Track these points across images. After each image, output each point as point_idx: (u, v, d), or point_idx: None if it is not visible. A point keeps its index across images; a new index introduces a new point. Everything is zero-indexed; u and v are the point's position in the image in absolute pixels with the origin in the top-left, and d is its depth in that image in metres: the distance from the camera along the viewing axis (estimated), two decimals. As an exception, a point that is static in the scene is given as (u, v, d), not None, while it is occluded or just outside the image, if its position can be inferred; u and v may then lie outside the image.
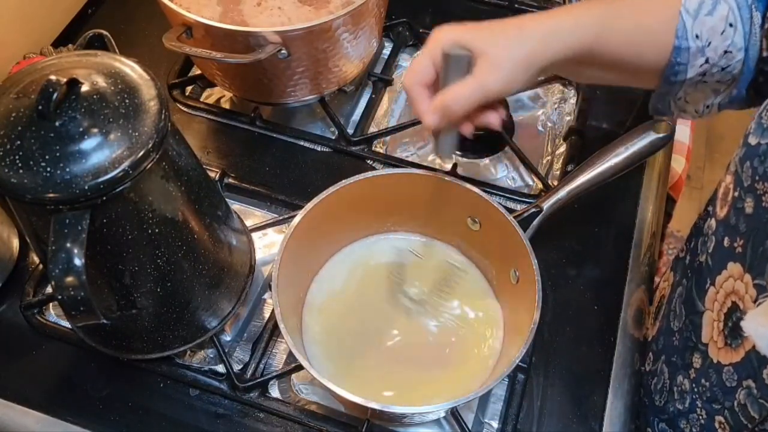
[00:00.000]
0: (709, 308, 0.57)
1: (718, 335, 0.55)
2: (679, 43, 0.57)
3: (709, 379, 0.57)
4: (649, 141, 0.66)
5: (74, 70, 0.50)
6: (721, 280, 0.55)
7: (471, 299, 0.69)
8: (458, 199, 0.66)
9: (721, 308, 0.55)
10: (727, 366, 0.54)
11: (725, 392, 0.55)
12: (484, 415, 0.67)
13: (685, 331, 0.61)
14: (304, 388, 0.69)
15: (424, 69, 0.59)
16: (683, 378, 0.61)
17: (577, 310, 0.72)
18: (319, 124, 0.86)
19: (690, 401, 0.60)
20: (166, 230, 0.55)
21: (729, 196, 0.55)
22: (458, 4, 0.96)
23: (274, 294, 0.60)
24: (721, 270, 0.55)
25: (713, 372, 0.56)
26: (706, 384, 0.57)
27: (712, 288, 0.56)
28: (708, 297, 0.57)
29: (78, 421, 0.65)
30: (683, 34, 0.57)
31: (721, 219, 0.56)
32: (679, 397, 0.62)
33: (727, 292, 0.54)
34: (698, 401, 0.59)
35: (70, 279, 0.47)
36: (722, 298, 0.55)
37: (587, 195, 0.67)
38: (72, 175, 0.47)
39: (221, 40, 0.70)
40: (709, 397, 0.57)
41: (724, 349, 0.55)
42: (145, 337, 0.64)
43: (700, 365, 0.58)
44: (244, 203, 0.80)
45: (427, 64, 0.59)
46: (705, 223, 0.61)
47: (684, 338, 0.62)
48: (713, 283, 0.56)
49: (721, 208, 0.57)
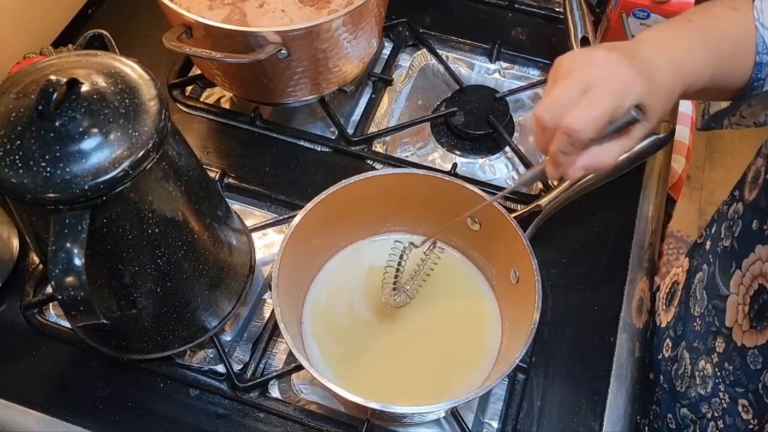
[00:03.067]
0: (734, 292, 0.58)
1: (744, 318, 0.56)
2: (760, 59, 0.56)
3: (732, 362, 0.58)
4: (649, 141, 0.66)
5: (74, 70, 0.50)
6: (748, 264, 0.56)
7: (471, 299, 0.70)
8: (458, 199, 0.66)
9: (747, 291, 0.56)
10: (751, 349, 0.55)
11: (749, 375, 0.56)
12: (484, 415, 0.67)
13: (707, 316, 0.62)
14: (304, 388, 0.69)
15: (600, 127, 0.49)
16: (705, 362, 0.62)
17: (577, 310, 0.72)
18: (319, 124, 0.86)
19: (713, 385, 0.61)
20: (166, 230, 0.55)
21: (760, 179, 0.55)
22: (458, 4, 0.96)
23: (274, 294, 0.60)
24: (749, 253, 0.56)
25: (737, 356, 0.57)
26: (729, 368, 0.58)
27: (738, 272, 0.57)
28: (733, 281, 0.58)
29: (78, 421, 0.65)
30: (764, 50, 0.55)
31: (750, 202, 0.57)
32: (701, 382, 0.63)
33: (753, 275, 0.55)
34: (721, 385, 0.59)
35: (70, 279, 0.47)
36: (749, 282, 0.56)
37: (587, 195, 0.67)
38: (72, 175, 0.46)
39: (221, 40, 0.70)
40: (732, 381, 0.58)
41: (749, 332, 0.55)
42: (145, 337, 0.64)
43: (724, 349, 0.59)
44: (244, 203, 0.80)
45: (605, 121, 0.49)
46: (730, 208, 0.61)
47: (706, 323, 0.62)
48: (739, 267, 0.57)
49: (750, 192, 0.57)
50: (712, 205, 1.94)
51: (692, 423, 0.65)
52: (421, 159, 0.84)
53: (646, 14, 0.81)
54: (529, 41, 0.93)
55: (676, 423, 0.67)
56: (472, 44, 0.92)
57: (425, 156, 0.84)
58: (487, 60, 0.92)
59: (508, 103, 0.85)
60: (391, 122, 0.87)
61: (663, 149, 0.69)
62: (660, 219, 0.82)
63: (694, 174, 1.98)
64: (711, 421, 0.61)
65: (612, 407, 0.67)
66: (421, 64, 0.92)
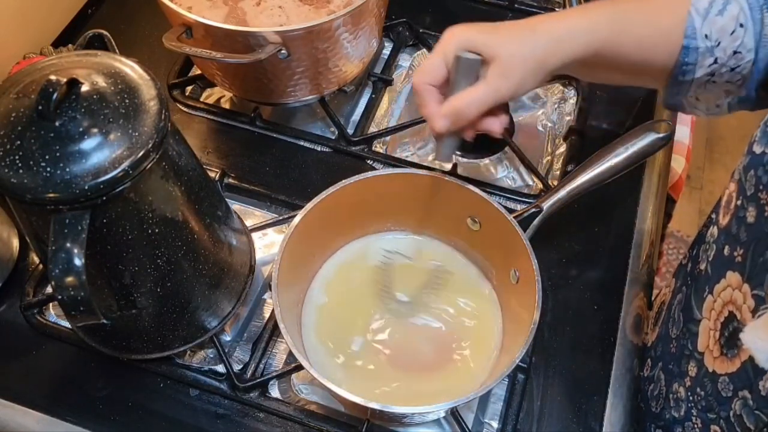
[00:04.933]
0: (706, 317, 0.56)
1: (714, 344, 0.55)
2: (687, 43, 0.57)
3: (704, 388, 0.56)
4: (649, 141, 0.66)
5: (74, 70, 0.50)
6: (719, 289, 0.54)
7: (471, 299, 0.70)
8: (458, 199, 0.66)
9: (718, 317, 0.54)
10: (722, 376, 0.54)
11: (720, 402, 0.54)
12: (484, 415, 0.67)
13: (682, 339, 0.61)
14: (304, 388, 0.69)
15: (435, 69, 0.58)
16: (679, 386, 0.61)
17: (577, 311, 0.72)
18: (319, 124, 0.86)
19: (685, 409, 0.60)
20: (166, 230, 0.55)
21: (732, 205, 0.54)
22: (458, 4, 0.96)
23: (274, 294, 0.60)
24: (720, 279, 0.54)
25: (708, 381, 0.56)
26: (701, 393, 0.57)
27: (710, 296, 0.56)
28: (705, 305, 0.57)
29: (78, 421, 0.65)
30: (692, 34, 0.56)
31: (723, 227, 0.56)
32: (674, 404, 0.62)
33: (724, 301, 0.54)
34: (693, 410, 0.58)
35: (70, 279, 0.47)
36: (719, 307, 0.54)
37: (587, 195, 0.67)
38: (72, 175, 0.46)
39: (221, 40, 0.70)
40: (704, 407, 0.57)
41: (720, 358, 0.54)
42: (145, 337, 0.64)
43: (696, 374, 0.58)
44: (244, 203, 0.80)
45: (438, 65, 0.58)
46: (708, 230, 0.60)
47: (681, 346, 0.61)
48: (711, 292, 0.56)
49: (723, 216, 0.56)
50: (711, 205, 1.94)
51: None
52: (421, 159, 0.84)
53: (646, 14, 0.81)
54: (529, 41, 0.93)
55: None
56: (472, 44, 0.92)
57: (425, 156, 0.84)
58: (487, 60, 0.92)
59: (508, 103, 0.85)
60: (391, 122, 0.87)
61: (663, 149, 0.69)
62: (660, 219, 0.82)
63: (694, 174, 1.98)
64: None
65: (612, 407, 0.67)
66: (421, 64, 0.92)
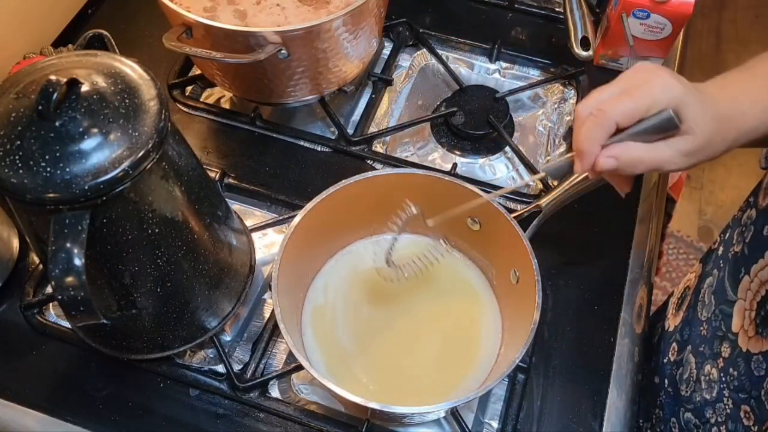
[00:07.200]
0: (742, 297, 0.58)
1: (750, 324, 0.57)
2: None
3: (737, 368, 0.58)
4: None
5: (74, 70, 0.50)
6: (756, 269, 0.56)
7: (471, 299, 0.70)
8: (458, 199, 0.66)
9: (755, 297, 0.56)
10: (756, 355, 0.55)
11: (753, 381, 0.56)
12: (484, 415, 0.67)
13: (714, 321, 0.62)
14: (304, 388, 0.69)
15: (633, 114, 0.51)
16: (711, 367, 0.62)
17: (577, 310, 0.72)
18: (319, 124, 0.86)
19: (718, 390, 0.61)
20: (166, 230, 0.55)
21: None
22: (458, 4, 0.96)
23: (274, 294, 0.60)
24: (758, 258, 0.56)
25: (742, 361, 0.57)
26: (734, 373, 0.58)
27: (747, 277, 0.58)
28: (741, 286, 0.58)
29: (78, 421, 0.65)
30: None
31: (763, 208, 0.57)
32: (706, 386, 0.63)
33: (762, 280, 0.55)
34: (725, 390, 0.60)
35: (70, 279, 0.47)
36: (756, 287, 0.56)
37: (587, 195, 0.67)
38: (72, 175, 0.46)
39: (221, 40, 0.70)
40: (736, 386, 0.58)
41: (755, 338, 0.56)
42: (145, 337, 0.64)
43: (729, 354, 0.59)
44: (244, 203, 0.80)
45: (639, 111, 0.51)
46: (744, 214, 0.62)
47: (713, 328, 0.63)
48: (748, 272, 0.57)
49: (764, 198, 0.58)
50: (711, 205, 1.94)
51: (695, 428, 0.65)
52: (421, 159, 0.84)
53: (646, 14, 0.81)
54: (529, 41, 0.93)
55: (680, 427, 0.67)
56: (472, 44, 0.92)
57: (425, 156, 0.84)
58: (487, 60, 0.92)
59: (508, 103, 0.85)
60: (391, 122, 0.87)
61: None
62: (660, 219, 0.82)
63: (694, 174, 1.98)
64: (714, 426, 0.62)
65: (612, 407, 0.67)
66: (421, 64, 0.92)
